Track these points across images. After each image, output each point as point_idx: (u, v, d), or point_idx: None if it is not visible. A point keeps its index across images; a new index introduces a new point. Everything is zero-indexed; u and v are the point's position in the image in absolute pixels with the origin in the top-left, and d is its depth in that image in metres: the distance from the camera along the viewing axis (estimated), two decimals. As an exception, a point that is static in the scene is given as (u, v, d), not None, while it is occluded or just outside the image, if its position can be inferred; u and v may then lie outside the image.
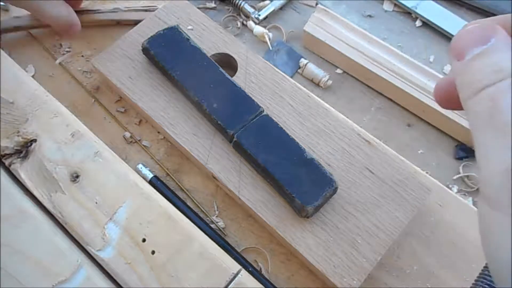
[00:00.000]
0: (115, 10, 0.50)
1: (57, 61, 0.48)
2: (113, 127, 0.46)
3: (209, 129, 0.42)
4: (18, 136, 0.33)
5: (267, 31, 0.54)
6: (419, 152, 0.48)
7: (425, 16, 0.55)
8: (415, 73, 0.49)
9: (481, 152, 0.18)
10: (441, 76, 0.48)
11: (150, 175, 0.43)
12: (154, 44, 0.43)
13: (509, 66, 0.20)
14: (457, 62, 0.22)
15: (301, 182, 0.37)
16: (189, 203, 0.42)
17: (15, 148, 0.33)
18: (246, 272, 0.30)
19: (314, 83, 0.52)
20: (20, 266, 0.29)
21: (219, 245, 0.31)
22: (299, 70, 0.53)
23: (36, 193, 0.31)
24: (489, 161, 0.18)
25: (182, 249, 0.30)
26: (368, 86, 0.52)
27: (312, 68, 0.52)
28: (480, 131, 0.19)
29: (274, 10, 0.56)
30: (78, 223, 0.31)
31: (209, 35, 0.46)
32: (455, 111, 0.46)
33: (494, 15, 0.56)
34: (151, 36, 0.44)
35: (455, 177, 0.46)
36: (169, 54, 0.43)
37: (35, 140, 0.33)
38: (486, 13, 0.55)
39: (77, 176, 0.32)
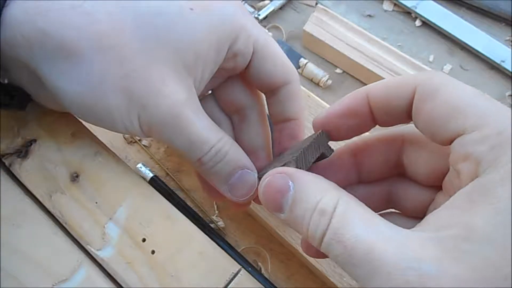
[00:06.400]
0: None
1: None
2: (113, 127, 0.46)
3: (209, 129, 0.42)
4: (18, 136, 0.33)
5: (266, 30, 0.54)
6: (419, 151, 0.48)
7: (424, 15, 0.55)
8: (414, 73, 0.49)
9: (364, 282, 0.19)
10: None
11: (150, 175, 0.43)
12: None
13: (326, 204, 0.20)
14: (279, 215, 0.22)
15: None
16: (189, 203, 0.43)
17: (15, 148, 0.33)
18: (246, 272, 0.30)
19: (314, 82, 0.52)
20: (20, 266, 0.29)
21: (219, 245, 0.31)
22: (298, 70, 0.53)
23: (36, 193, 0.31)
24: None
25: (182, 249, 0.30)
26: (368, 86, 0.52)
27: (312, 68, 0.52)
28: (352, 272, 0.19)
29: (274, 10, 0.56)
30: (78, 223, 0.31)
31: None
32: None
33: (494, 15, 0.56)
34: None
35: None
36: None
37: (35, 140, 0.33)
38: (486, 13, 0.55)
39: (77, 176, 0.32)
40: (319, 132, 0.25)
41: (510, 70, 0.51)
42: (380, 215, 0.25)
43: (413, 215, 0.25)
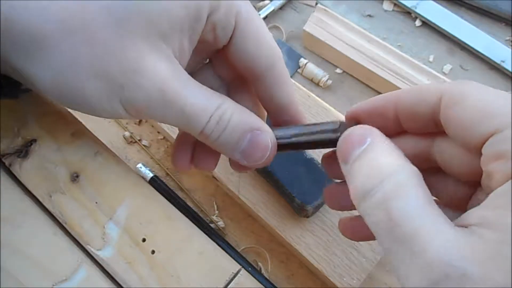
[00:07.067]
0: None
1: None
2: (113, 127, 0.46)
3: (209, 129, 0.42)
4: (18, 136, 0.33)
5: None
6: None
7: (424, 15, 0.55)
8: (414, 73, 0.49)
9: (394, 264, 0.18)
10: (440, 75, 0.48)
11: (150, 175, 0.43)
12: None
13: (387, 165, 0.20)
14: (344, 166, 0.22)
15: (301, 181, 0.37)
16: (189, 203, 0.43)
17: (15, 148, 0.33)
18: (246, 272, 0.30)
19: (314, 83, 0.52)
20: (20, 266, 0.29)
21: (219, 245, 0.31)
22: (299, 70, 0.53)
23: (36, 193, 0.31)
24: (407, 278, 0.18)
25: (182, 249, 0.30)
26: (368, 86, 0.52)
27: (312, 68, 0.52)
28: (386, 243, 0.19)
29: (274, 10, 0.56)
30: (78, 223, 0.31)
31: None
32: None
33: (494, 15, 0.56)
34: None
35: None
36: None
37: (35, 140, 0.33)
38: (486, 13, 0.55)
39: (77, 176, 0.32)
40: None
41: (510, 70, 0.51)
42: None
43: (452, 207, 0.25)
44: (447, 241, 0.17)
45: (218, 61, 0.30)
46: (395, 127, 0.24)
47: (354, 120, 0.26)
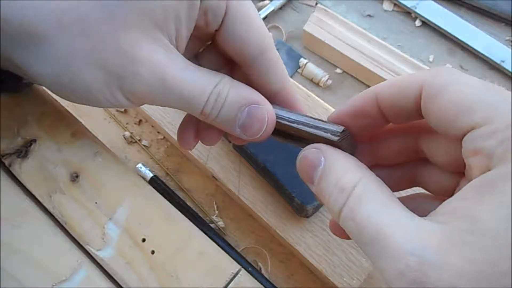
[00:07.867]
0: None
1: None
2: (113, 127, 0.46)
3: (209, 129, 0.42)
4: (18, 136, 0.33)
5: (267, 31, 0.54)
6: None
7: (424, 15, 0.55)
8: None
9: (375, 264, 0.20)
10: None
11: (149, 175, 0.43)
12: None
13: (347, 182, 0.22)
14: (310, 186, 0.24)
15: (300, 181, 0.36)
16: (188, 203, 0.43)
17: (15, 148, 0.33)
18: (246, 272, 0.30)
19: (314, 82, 0.52)
20: (20, 266, 0.29)
21: (219, 245, 0.31)
22: (298, 70, 0.53)
23: (36, 193, 0.31)
24: (383, 272, 0.19)
25: (182, 249, 0.30)
26: (368, 86, 0.52)
27: (312, 68, 0.52)
28: (362, 247, 0.21)
29: (273, 10, 0.56)
30: (78, 223, 0.31)
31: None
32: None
33: (494, 15, 0.56)
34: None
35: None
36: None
37: (35, 140, 0.33)
38: (486, 13, 0.55)
39: (77, 176, 0.32)
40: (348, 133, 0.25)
41: (510, 70, 0.51)
42: (411, 196, 0.25)
43: (441, 197, 0.25)
44: (408, 234, 0.19)
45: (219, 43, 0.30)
46: (381, 122, 0.25)
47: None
